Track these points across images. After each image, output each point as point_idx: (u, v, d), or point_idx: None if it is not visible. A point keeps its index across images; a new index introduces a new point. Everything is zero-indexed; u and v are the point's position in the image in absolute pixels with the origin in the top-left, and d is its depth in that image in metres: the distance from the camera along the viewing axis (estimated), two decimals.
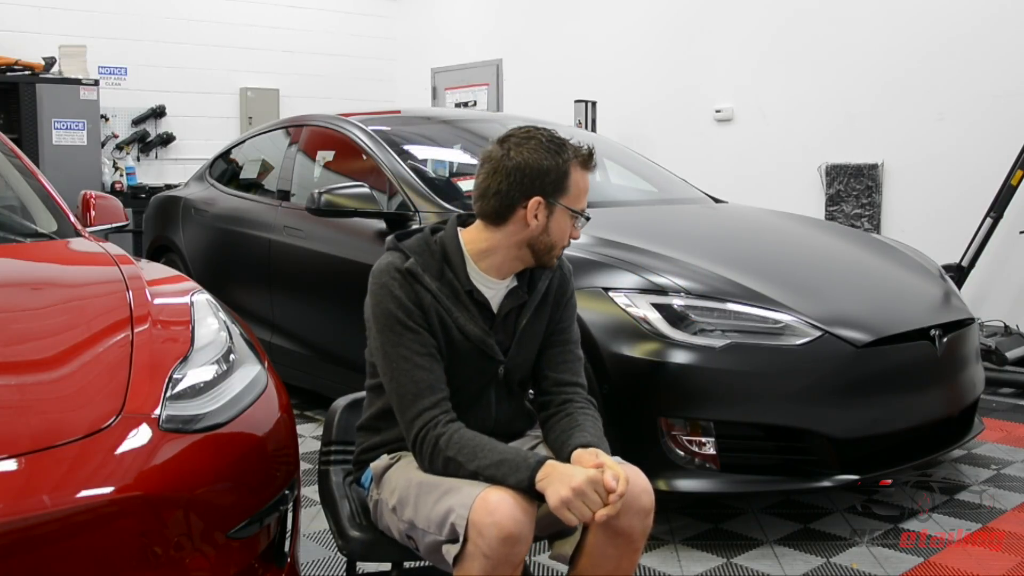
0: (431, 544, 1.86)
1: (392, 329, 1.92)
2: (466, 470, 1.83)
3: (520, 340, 2.06)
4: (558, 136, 2.00)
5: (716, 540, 3.03)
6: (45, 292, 2.49)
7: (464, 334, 1.98)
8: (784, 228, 4.09)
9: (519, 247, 2.01)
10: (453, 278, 1.99)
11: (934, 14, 5.95)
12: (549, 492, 1.74)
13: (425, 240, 2.03)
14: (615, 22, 7.90)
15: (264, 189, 4.97)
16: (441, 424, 1.88)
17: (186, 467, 1.83)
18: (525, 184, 1.96)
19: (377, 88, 9.93)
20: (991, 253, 5.57)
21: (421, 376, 1.91)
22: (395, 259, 1.98)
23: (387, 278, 1.95)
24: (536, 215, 1.97)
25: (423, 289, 1.95)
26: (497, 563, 1.73)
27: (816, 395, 2.96)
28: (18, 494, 1.63)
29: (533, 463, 1.78)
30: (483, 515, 1.73)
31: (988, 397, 4.70)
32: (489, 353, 2.02)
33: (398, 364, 1.92)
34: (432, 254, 2.00)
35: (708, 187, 5.00)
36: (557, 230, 2.00)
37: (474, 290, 2.00)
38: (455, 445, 1.85)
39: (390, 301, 1.93)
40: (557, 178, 1.96)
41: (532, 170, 1.95)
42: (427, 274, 1.97)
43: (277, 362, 3.71)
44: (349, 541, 2.05)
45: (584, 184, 2.01)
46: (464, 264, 2.00)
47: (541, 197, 1.96)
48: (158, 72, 8.64)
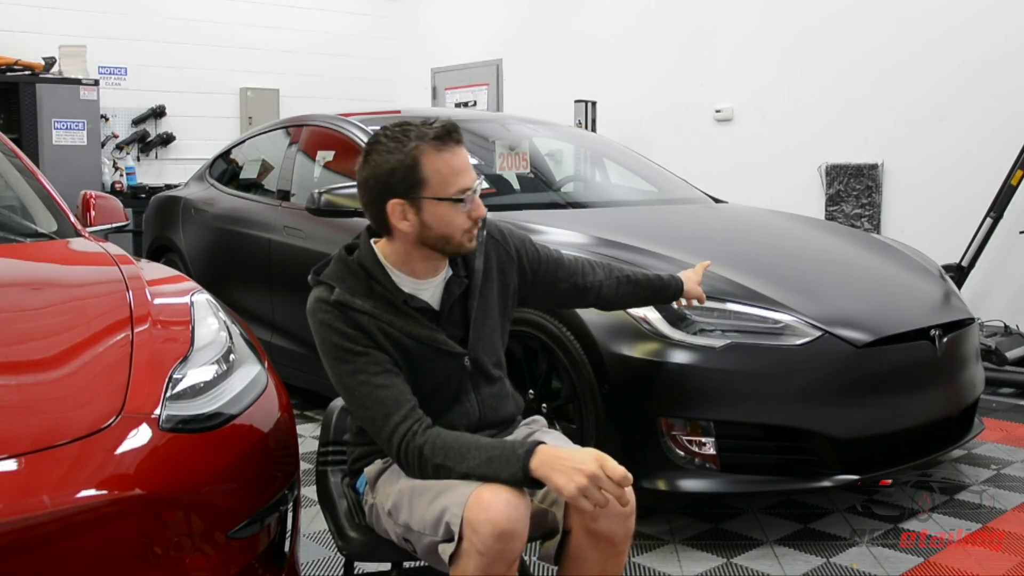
0: (428, 545, 1.85)
1: (343, 359, 1.90)
2: (456, 473, 1.81)
3: (476, 324, 2.03)
4: (402, 127, 1.90)
5: (716, 540, 3.03)
6: (45, 292, 2.49)
7: (414, 338, 1.94)
8: (784, 228, 4.09)
9: (419, 248, 1.95)
10: (384, 291, 1.95)
11: (934, 14, 5.95)
12: (557, 480, 1.70)
13: (344, 263, 1.97)
14: (615, 22, 7.90)
15: (264, 189, 4.97)
16: (420, 434, 1.85)
17: (186, 467, 1.83)
18: (379, 192, 1.90)
19: (377, 88, 9.93)
20: (991, 253, 5.57)
21: (384, 395, 1.88)
22: (321, 293, 1.94)
23: (321, 314, 1.92)
24: (405, 217, 1.90)
25: (357, 313, 1.91)
26: (492, 559, 1.73)
27: (816, 395, 2.96)
28: (18, 494, 1.63)
29: (522, 453, 1.75)
30: (477, 512, 1.72)
31: (988, 397, 4.70)
32: (446, 349, 1.98)
33: (359, 390, 1.89)
34: (355, 275, 1.95)
35: (708, 187, 5.00)
36: (439, 222, 1.90)
37: (407, 298, 1.96)
38: (440, 451, 1.82)
39: (331, 334, 1.90)
40: (405, 174, 1.87)
41: (379, 176, 1.89)
42: (356, 297, 1.92)
43: (277, 362, 3.71)
44: (348, 541, 2.05)
45: (447, 165, 1.88)
46: (388, 276, 1.96)
47: (397, 199, 1.89)
48: (158, 72, 8.64)
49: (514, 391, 2.18)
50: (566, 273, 2.27)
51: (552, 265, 2.24)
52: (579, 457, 1.72)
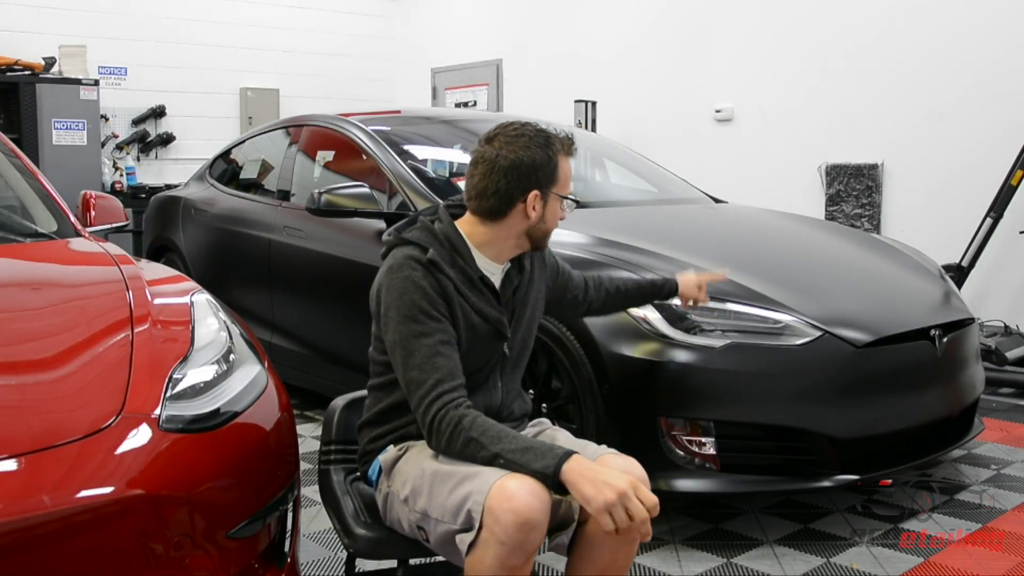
0: (444, 534, 1.86)
1: (415, 319, 1.95)
2: (487, 452, 1.83)
3: (519, 318, 2.17)
4: (543, 129, 2.10)
5: (716, 540, 3.03)
6: (45, 292, 2.49)
7: (483, 317, 2.06)
8: (784, 228, 4.09)
9: (518, 237, 2.11)
10: (464, 266, 2.06)
11: (935, 14, 5.95)
12: (585, 491, 1.73)
13: (430, 231, 2.08)
14: (615, 22, 7.90)
15: (264, 189, 4.97)
16: (462, 406, 1.90)
17: (186, 467, 1.83)
18: (522, 180, 2.05)
19: (377, 88, 9.94)
20: (991, 253, 5.57)
21: (441, 363, 1.93)
22: (414, 251, 2.03)
23: (409, 270, 1.99)
24: (534, 207, 2.07)
25: (445, 278, 2.01)
26: (512, 549, 1.74)
27: (816, 395, 2.96)
28: (18, 494, 1.62)
29: (561, 453, 1.79)
30: (501, 501, 1.73)
31: (988, 397, 4.70)
32: (503, 331, 2.10)
33: (420, 352, 1.94)
34: (441, 244, 2.06)
35: (708, 187, 5.00)
36: (551, 217, 2.11)
37: (484, 276, 2.08)
38: (478, 427, 1.86)
39: (415, 292, 1.97)
40: (549, 170, 2.07)
41: (527, 166, 2.04)
42: (444, 263, 2.03)
43: (277, 362, 3.71)
44: (356, 539, 2.05)
45: (569, 170, 2.13)
46: (471, 253, 2.08)
47: (537, 190, 2.06)
48: (158, 72, 8.65)
49: (523, 391, 2.25)
50: (572, 287, 2.46)
51: (565, 278, 2.42)
52: (614, 474, 1.75)
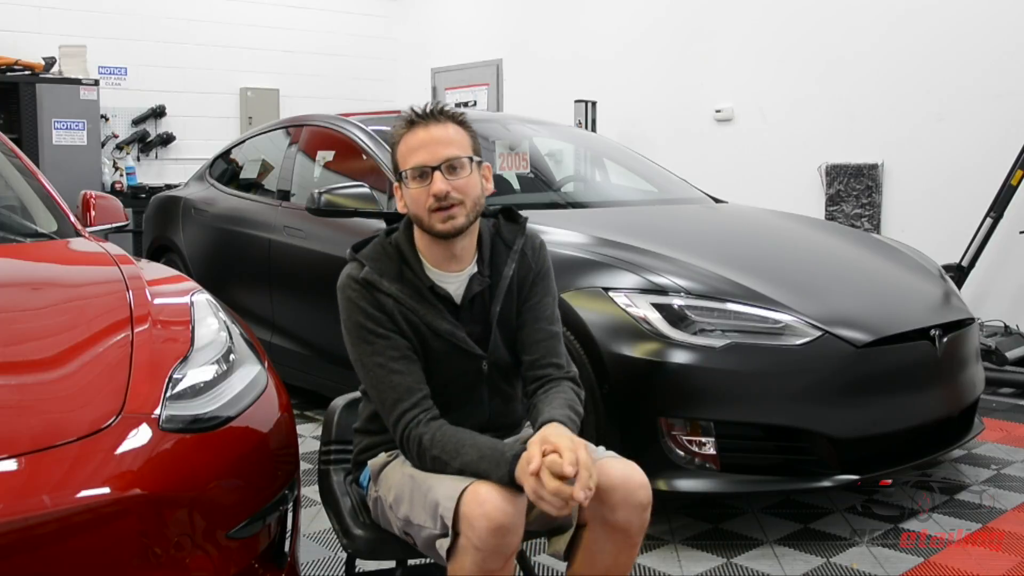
0: (427, 539, 1.86)
1: (364, 339, 1.95)
2: (452, 468, 1.84)
3: (498, 328, 2.03)
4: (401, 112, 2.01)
5: (716, 540, 3.03)
6: (45, 292, 2.49)
7: (433, 330, 1.98)
8: (784, 228, 4.09)
9: (422, 234, 2.00)
10: (413, 277, 1.99)
11: (935, 14, 5.95)
12: (525, 487, 1.73)
13: (381, 245, 2.03)
14: (615, 22, 7.90)
15: (264, 189, 4.97)
16: (423, 423, 1.89)
17: (186, 467, 1.83)
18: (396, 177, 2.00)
19: (377, 88, 9.93)
20: (991, 253, 5.57)
21: (398, 380, 1.92)
22: (352, 270, 2.00)
23: (348, 291, 1.98)
24: (401, 199, 2.00)
25: (383, 295, 1.96)
26: (488, 555, 1.73)
27: (816, 395, 2.96)
28: (18, 494, 1.62)
29: (510, 457, 1.77)
30: (473, 507, 1.73)
31: (988, 397, 4.70)
32: (465, 347, 1.99)
33: (375, 372, 1.94)
34: (389, 257, 2.01)
35: (708, 187, 5.00)
36: (411, 202, 1.96)
37: (434, 285, 1.99)
38: (438, 443, 1.86)
39: (356, 312, 1.95)
40: (395, 156, 1.99)
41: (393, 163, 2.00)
42: (385, 279, 1.97)
43: (277, 362, 3.71)
44: (354, 539, 2.05)
45: (406, 144, 1.95)
46: (420, 261, 2.01)
47: (397, 182, 1.99)
48: (158, 72, 8.64)
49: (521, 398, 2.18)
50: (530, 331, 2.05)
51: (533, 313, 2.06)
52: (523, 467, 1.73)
